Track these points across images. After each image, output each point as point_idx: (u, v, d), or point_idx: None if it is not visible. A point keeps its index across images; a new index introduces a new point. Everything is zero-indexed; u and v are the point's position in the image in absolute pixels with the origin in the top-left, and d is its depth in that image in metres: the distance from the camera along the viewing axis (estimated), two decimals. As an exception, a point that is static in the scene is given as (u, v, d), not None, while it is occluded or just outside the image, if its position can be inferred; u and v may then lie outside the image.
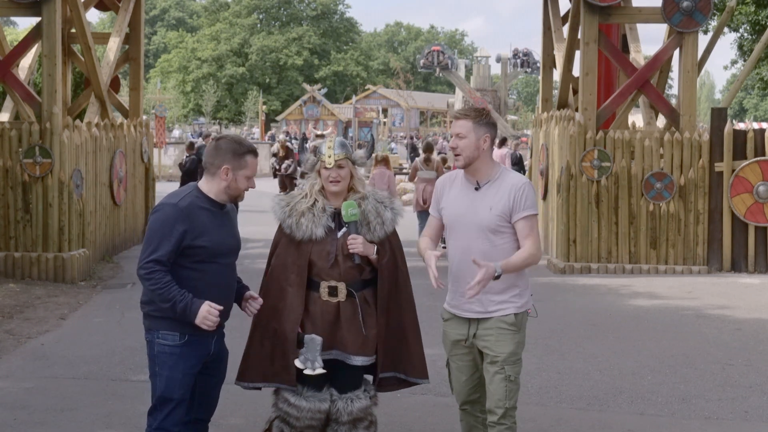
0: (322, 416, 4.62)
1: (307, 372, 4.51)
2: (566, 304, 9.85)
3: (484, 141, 4.44)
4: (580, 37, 12.45)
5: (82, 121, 12.39)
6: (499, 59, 45.29)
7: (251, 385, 4.72)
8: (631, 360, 7.68)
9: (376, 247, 4.60)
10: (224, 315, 4.49)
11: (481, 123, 4.45)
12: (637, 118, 15.00)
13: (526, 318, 4.55)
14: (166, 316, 4.26)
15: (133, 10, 14.46)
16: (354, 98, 53.95)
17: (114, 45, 14.16)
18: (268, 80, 74.41)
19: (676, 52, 12.51)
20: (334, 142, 4.68)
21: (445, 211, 4.61)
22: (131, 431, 5.71)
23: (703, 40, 19.33)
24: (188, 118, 72.45)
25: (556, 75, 14.92)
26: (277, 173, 21.71)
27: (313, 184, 4.69)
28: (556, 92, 15.69)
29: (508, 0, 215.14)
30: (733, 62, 31.27)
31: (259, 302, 4.58)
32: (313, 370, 4.50)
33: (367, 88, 64.79)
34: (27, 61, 12.93)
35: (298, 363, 4.53)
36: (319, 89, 55.07)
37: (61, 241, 11.26)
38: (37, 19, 11.55)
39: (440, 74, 46.44)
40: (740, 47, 26.35)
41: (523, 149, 25.58)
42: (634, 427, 6.01)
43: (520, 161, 22.36)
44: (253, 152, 4.44)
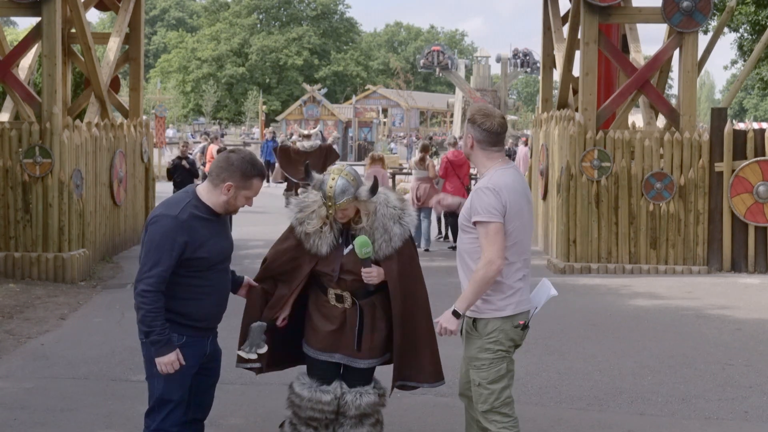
0: (325, 408, 4.65)
1: (242, 353, 4.61)
2: (566, 304, 9.84)
3: (469, 139, 4.48)
4: (580, 37, 12.44)
5: (82, 121, 12.39)
6: (499, 59, 45.34)
7: (246, 366, 4.79)
8: (631, 360, 7.68)
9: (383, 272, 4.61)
10: (219, 317, 4.52)
11: (471, 124, 4.48)
12: (637, 118, 14.99)
13: (498, 325, 4.40)
14: (166, 318, 4.26)
15: (133, 10, 14.46)
16: (354, 98, 53.96)
17: (114, 45, 14.16)
18: (268, 80, 74.42)
19: (676, 52, 12.51)
20: (335, 187, 4.49)
21: None
22: (131, 431, 5.71)
23: (703, 40, 19.37)
24: (188, 118, 72.48)
25: (556, 75, 14.92)
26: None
27: (320, 207, 4.60)
28: (556, 92, 15.69)
29: (508, 0, 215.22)
30: (733, 62, 31.29)
31: (257, 289, 4.70)
32: (248, 353, 4.59)
33: (367, 88, 64.78)
34: (27, 61, 12.93)
35: (241, 353, 4.64)
36: (319, 89, 54.99)
37: (61, 241, 11.26)
38: (37, 19, 11.54)
39: (440, 74, 46.48)
40: (740, 47, 26.37)
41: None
42: (634, 427, 6.01)
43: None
44: (261, 176, 4.38)
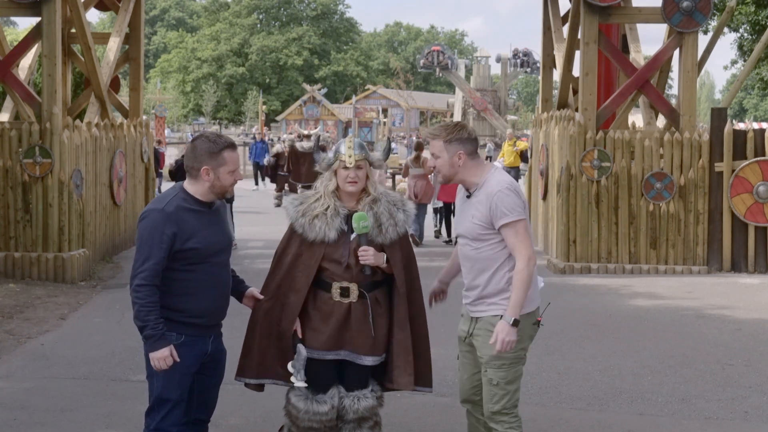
0: (322, 419, 4.62)
1: (292, 380, 4.56)
2: (566, 304, 9.84)
3: (459, 157, 4.46)
4: (580, 37, 12.43)
5: (82, 121, 12.38)
6: (499, 59, 45.38)
7: (251, 382, 4.71)
8: (631, 360, 7.68)
9: (385, 256, 4.60)
10: (221, 314, 4.50)
11: (453, 140, 4.46)
12: (637, 118, 14.99)
13: (525, 323, 4.44)
14: (163, 316, 4.26)
15: (133, 10, 14.45)
16: (354, 98, 53.97)
17: (114, 45, 14.15)
18: (268, 80, 74.42)
19: (676, 52, 12.51)
20: (354, 142, 4.68)
21: (455, 217, 4.73)
22: (131, 431, 5.70)
23: (703, 40, 19.36)
24: (188, 118, 72.48)
25: (556, 75, 14.92)
26: (279, 174, 21.69)
27: (326, 185, 4.67)
28: (556, 92, 15.69)
29: (508, 0, 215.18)
30: (733, 62, 31.29)
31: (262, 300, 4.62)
32: (296, 381, 4.54)
33: (367, 88, 64.83)
34: (27, 61, 12.92)
35: (290, 367, 4.56)
36: (319, 89, 54.96)
37: (61, 241, 11.25)
38: (37, 19, 11.54)
39: (440, 74, 46.51)
40: (740, 47, 26.36)
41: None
42: (634, 427, 6.01)
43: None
44: (230, 146, 4.39)
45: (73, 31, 13.42)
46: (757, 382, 7.07)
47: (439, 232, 15.75)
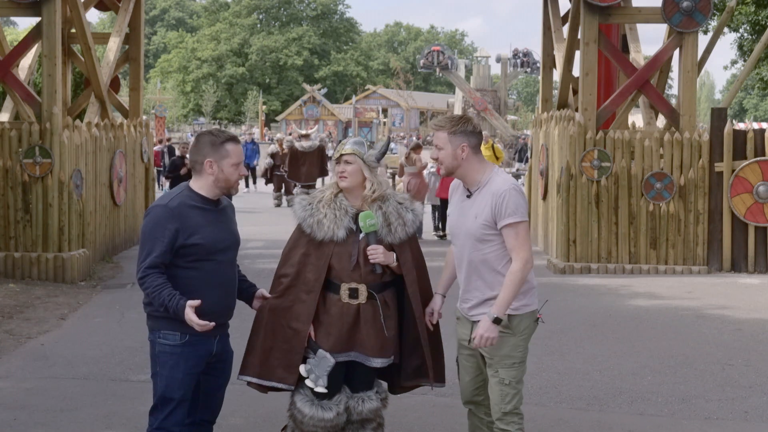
0: (327, 425, 4.60)
1: (309, 384, 4.51)
2: (566, 304, 9.85)
3: (462, 150, 4.43)
4: (580, 37, 12.44)
5: (82, 121, 12.38)
6: (499, 59, 45.33)
7: (253, 380, 4.65)
8: (631, 360, 7.68)
9: (394, 255, 4.58)
10: (227, 313, 4.48)
11: (457, 132, 4.43)
12: (637, 118, 15.00)
13: (529, 321, 4.46)
14: (167, 316, 4.25)
15: (133, 10, 14.45)
16: (354, 98, 54.01)
17: (114, 45, 14.15)
18: (268, 80, 74.46)
19: (676, 52, 12.51)
20: (352, 139, 4.71)
21: (449, 218, 4.69)
22: (131, 431, 5.71)
23: (703, 40, 19.38)
24: (188, 118, 72.50)
25: (556, 75, 14.92)
26: (275, 174, 21.68)
27: (333, 183, 4.70)
28: (556, 92, 15.69)
29: (508, 0, 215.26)
30: (733, 62, 31.24)
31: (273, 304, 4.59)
32: (315, 386, 4.50)
33: (367, 88, 64.84)
34: (27, 61, 12.93)
35: (303, 370, 4.52)
36: (319, 89, 55.03)
37: (61, 242, 11.25)
38: (37, 19, 11.54)
39: (440, 74, 46.47)
40: (740, 47, 26.34)
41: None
42: (634, 428, 6.01)
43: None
44: (233, 140, 4.42)
45: (73, 31, 13.43)
46: (757, 382, 7.07)
47: (439, 231, 15.73)
